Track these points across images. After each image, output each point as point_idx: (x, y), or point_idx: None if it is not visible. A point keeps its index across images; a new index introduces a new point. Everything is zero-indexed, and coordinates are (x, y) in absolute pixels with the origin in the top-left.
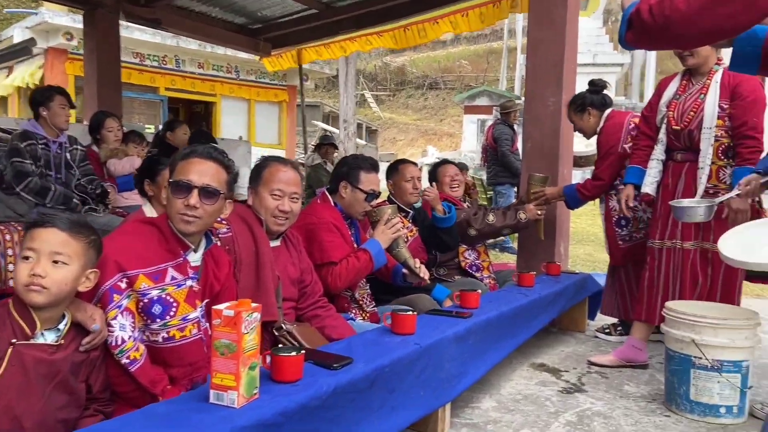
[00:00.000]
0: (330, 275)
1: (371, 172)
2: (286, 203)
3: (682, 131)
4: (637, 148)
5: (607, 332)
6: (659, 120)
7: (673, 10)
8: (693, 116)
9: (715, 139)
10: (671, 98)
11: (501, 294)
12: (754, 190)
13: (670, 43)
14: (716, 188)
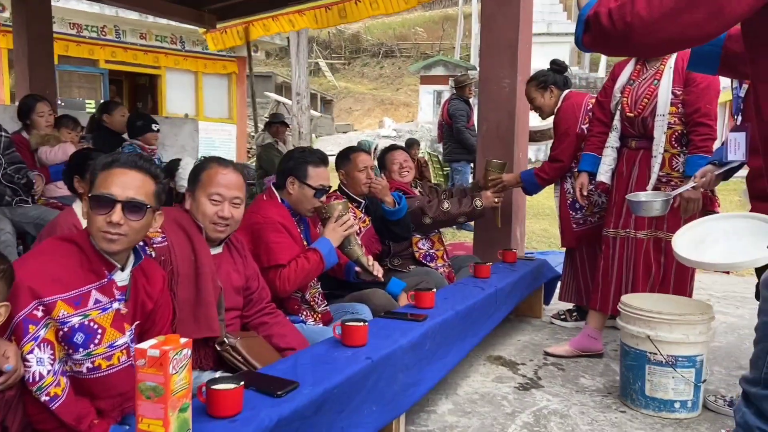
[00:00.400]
0: (278, 279)
1: (320, 166)
2: (226, 209)
3: (636, 118)
4: (592, 134)
5: (563, 318)
6: (614, 106)
7: (634, 16)
8: (647, 103)
9: (668, 126)
10: (625, 84)
11: (457, 289)
12: (710, 182)
13: (631, 51)
14: (669, 176)
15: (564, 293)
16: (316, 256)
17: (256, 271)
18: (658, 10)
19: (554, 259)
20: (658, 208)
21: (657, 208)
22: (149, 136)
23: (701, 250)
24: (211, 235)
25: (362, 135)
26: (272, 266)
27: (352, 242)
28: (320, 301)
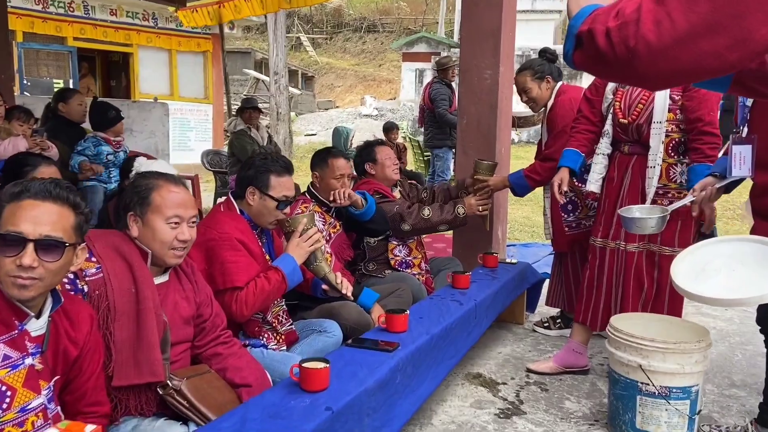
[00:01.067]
0: (234, 303)
1: (284, 175)
2: (186, 230)
3: (630, 125)
4: (577, 131)
5: (546, 326)
6: (605, 108)
7: (640, 40)
8: (642, 109)
9: (665, 134)
10: (617, 85)
11: (433, 304)
12: (710, 195)
13: (634, 81)
14: (666, 188)
15: (551, 298)
16: (278, 276)
17: (209, 296)
18: (670, 34)
19: (537, 252)
20: (653, 225)
21: (652, 225)
22: (117, 128)
23: (702, 279)
24: (170, 261)
25: (343, 113)
26: (228, 289)
27: (318, 258)
28: (284, 320)
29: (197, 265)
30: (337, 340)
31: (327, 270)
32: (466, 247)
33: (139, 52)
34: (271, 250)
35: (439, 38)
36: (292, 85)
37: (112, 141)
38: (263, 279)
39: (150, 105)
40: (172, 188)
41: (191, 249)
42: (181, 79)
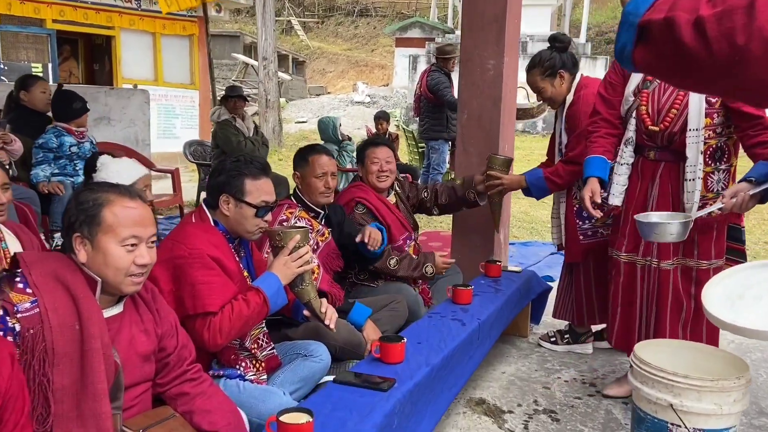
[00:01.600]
0: (207, 330)
1: (260, 178)
2: (145, 253)
3: (661, 133)
4: (598, 135)
5: (553, 341)
6: (625, 110)
7: (754, 35)
8: (675, 115)
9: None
10: (640, 85)
11: (432, 325)
12: (742, 203)
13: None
14: (704, 199)
15: (559, 310)
16: (258, 299)
17: (174, 326)
18: None
19: (538, 251)
20: (674, 232)
21: (672, 232)
22: (81, 119)
23: (738, 308)
24: (126, 290)
25: (335, 99)
26: (199, 314)
27: (305, 281)
28: (264, 344)
29: (163, 286)
30: (324, 366)
31: (312, 295)
32: (465, 252)
33: (122, 35)
34: (250, 266)
35: (432, 23)
36: (283, 71)
37: (74, 131)
38: (241, 302)
39: (129, 92)
40: (126, 203)
41: (156, 268)
42: (166, 64)
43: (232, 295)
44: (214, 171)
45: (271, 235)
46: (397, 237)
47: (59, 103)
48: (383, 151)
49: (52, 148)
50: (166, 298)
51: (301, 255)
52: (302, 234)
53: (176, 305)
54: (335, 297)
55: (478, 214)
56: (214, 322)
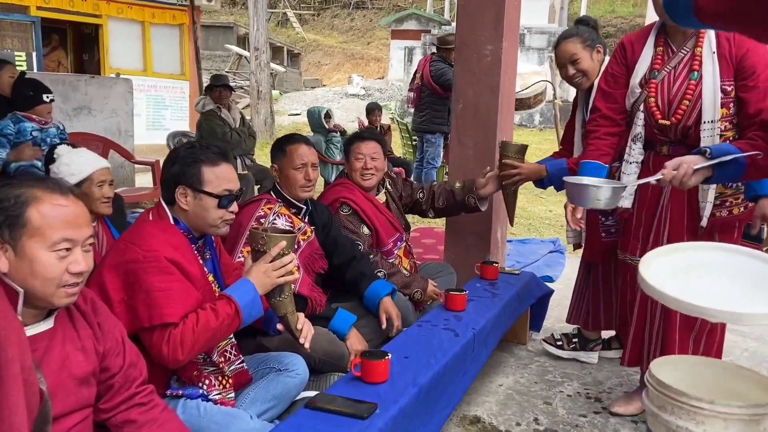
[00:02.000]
0: (166, 344)
1: (219, 164)
2: (81, 258)
3: (674, 126)
4: (596, 135)
5: (559, 344)
6: (631, 104)
7: None
8: (688, 107)
9: (718, 134)
10: (647, 75)
11: (421, 336)
12: (683, 175)
13: None
14: (723, 197)
15: (572, 314)
16: (230, 309)
17: (121, 341)
18: None
19: (536, 249)
20: (602, 198)
21: (600, 197)
22: (40, 109)
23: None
24: (58, 303)
25: (330, 92)
26: (156, 326)
27: (285, 292)
28: (233, 357)
29: (113, 295)
30: (301, 381)
31: (290, 309)
32: (460, 252)
33: (109, 24)
34: (216, 270)
35: (429, 15)
36: (277, 63)
37: (35, 119)
38: (209, 311)
39: (111, 81)
40: (57, 200)
41: (105, 274)
42: (155, 54)
43: (194, 304)
44: (167, 162)
45: (254, 237)
46: (386, 240)
47: (16, 91)
48: (369, 146)
49: (8, 134)
50: (117, 309)
51: (284, 264)
52: (289, 240)
53: (130, 317)
54: (316, 302)
55: None
56: (174, 334)
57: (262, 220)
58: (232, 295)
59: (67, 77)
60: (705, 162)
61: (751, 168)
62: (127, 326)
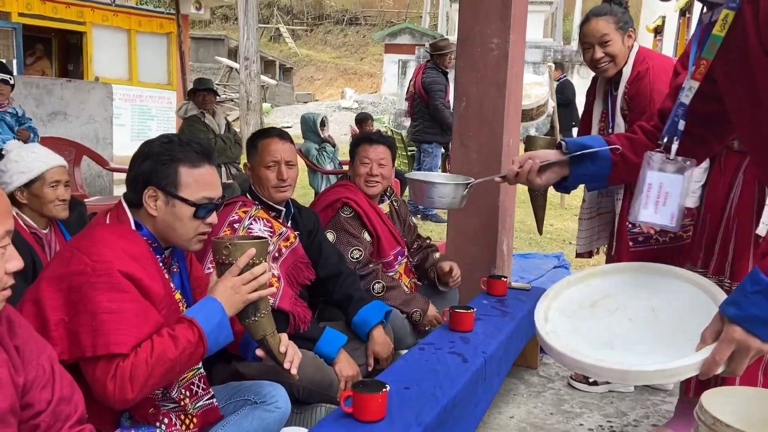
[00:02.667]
0: (112, 379)
1: (201, 165)
2: (16, 254)
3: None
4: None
5: (592, 381)
6: None
7: None
8: None
9: None
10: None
11: (425, 363)
12: (527, 172)
13: None
14: None
15: None
16: (191, 335)
17: (49, 370)
18: None
19: (540, 264)
20: (445, 195)
21: (442, 195)
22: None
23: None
24: None
25: (322, 105)
26: (101, 357)
27: (261, 310)
28: (201, 391)
29: (50, 314)
30: (281, 415)
31: (269, 330)
32: (462, 265)
33: (94, 32)
34: (185, 287)
35: (423, 30)
36: (270, 76)
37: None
38: (166, 339)
39: (89, 85)
40: None
41: (42, 287)
42: (142, 63)
43: (151, 330)
44: (137, 156)
45: (217, 248)
46: (388, 251)
47: None
48: (378, 150)
49: None
50: (55, 332)
51: (256, 275)
52: (259, 246)
53: (70, 342)
54: (300, 319)
55: (478, 217)
56: (122, 368)
57: (236, 225)
58: (194, 317)
59: (42, 80)
60: (558, 157)
61: (621, 166)
62: (65, 353)
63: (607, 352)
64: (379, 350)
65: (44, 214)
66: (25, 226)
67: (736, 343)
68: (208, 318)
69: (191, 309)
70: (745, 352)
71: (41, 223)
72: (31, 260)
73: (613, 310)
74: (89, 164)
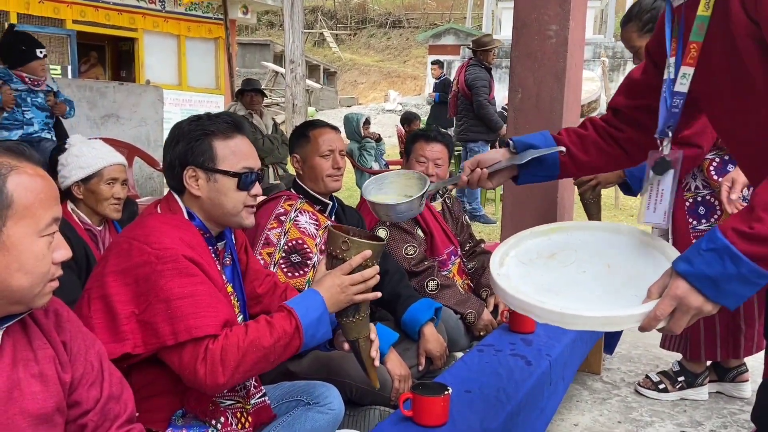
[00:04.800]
0: (202, 363)
1: (233, 136)
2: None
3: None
4: None
5: (661, 387)
6: None
7: None
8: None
9: None
10: None
11: (485, 365)
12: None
13: None
14: None
15: (668, 338)
16: (289, 326)
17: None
18: None
19: None
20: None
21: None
22: (33, 65)
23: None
24: (42, 302)
25: (366, 109)
26: (188, 341)
27: (361, 312)
28: (254, 388)
29: (120, 308)
30: (334, 417)
31: (364, 333)
32: None
33: (145, 38)
34: (236, 279)
35: (467, 30)
36: (314, 81)
37: (26, 78)
38: (262, 325)
39: (141, 88)
40: (35, 169)
41: (109, 281)
42: (191, 68)
43: (228, 309)
44: (169, 142)
45: (333, 239)
46: (442, 249)
47: (6, 46)
48: (435, 149)
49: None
50: (127, 327)
51: (366, 278)
52: (376, 249)
53: (144, 335)
54: None
55: (535, 215)
56: (212, 350)
57: (282, 218)
58: (294, 308)
59: (95, 84)
60: (506, 160)
61: (569, 166)
62: (139, 346)
63: (551, 297)
64: (432, 348)
65: (98, 211)
66: (80, 222)
67: (678, 300)
68: (308, 311)
69: (294, 298)
70: (685, 309)
71: (96, 219)
72: (84, 256)
73: (568, 263)
74: (141, 166)
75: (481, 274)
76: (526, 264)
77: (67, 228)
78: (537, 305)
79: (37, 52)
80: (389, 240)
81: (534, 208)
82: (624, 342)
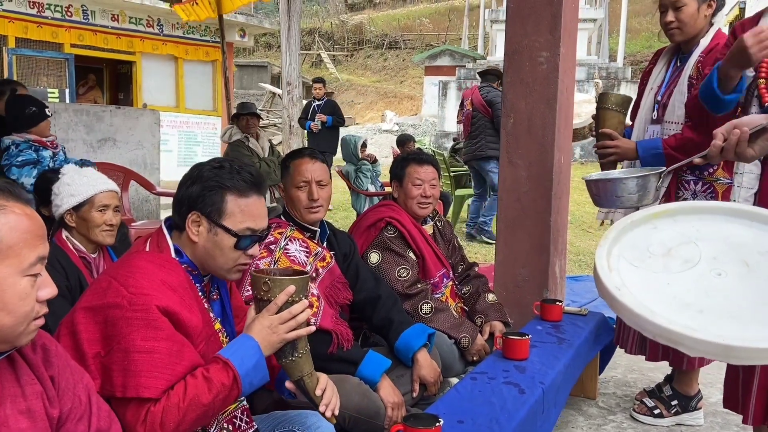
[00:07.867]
0: (142, 425)
1: (249, 195)
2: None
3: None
4: None
5: (656, 412)
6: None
7: None
8: None
9: None
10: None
11: (478, 393)
12: (735, 144)
13: None
14: None
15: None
16: (226, 378)
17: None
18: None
19: (591, 287)
20: (633, 191)
21: (631, 191)
22: (44, 125)
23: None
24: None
25: (363, 129)
26: (132, 399)
27: (299, 349)
28: (244, 425)
29: (87, 347)
30: None
31: (306, 370)
32: (511, 288)
33: (143, 61)
34: (225, 314)
35: (463, 51)
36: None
37: (46, 142)
38: (200, 382)
39: (137, 112)
40: (22, 208)
41: (79, 317)
42: (188, 90)
43: (185, 370)
44: (186, 178)
45: (256, 283)
46: (434, 272)
47: (16, 109)
48: (428, 171)
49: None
50: (91, 365)
51: (294, 314)
52: (299, 283)
53: (102, 378)
54: (343, 338)
55: (528, 238)
56: (153, 413)
57: (272, 246)
58: (229, 358)
59: (92, 108)
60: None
61: None
62: (97, 388)
63: (694, 316)
64: (426, 374)
65: (91, 238)
66: (74, 250)
67: None
68: (244, 359)
69: (227, 348)
70: None
71: (90, 247)
72: (78, 284)
73: (694, 262)
74: (137, 189)
75: (476, 300)
76: (639, 267)
77: (61, 256)
78: (688, 335)
79: (47, 111)
80: (381, 263)
81: (527, 229)
82: (619, 366)
